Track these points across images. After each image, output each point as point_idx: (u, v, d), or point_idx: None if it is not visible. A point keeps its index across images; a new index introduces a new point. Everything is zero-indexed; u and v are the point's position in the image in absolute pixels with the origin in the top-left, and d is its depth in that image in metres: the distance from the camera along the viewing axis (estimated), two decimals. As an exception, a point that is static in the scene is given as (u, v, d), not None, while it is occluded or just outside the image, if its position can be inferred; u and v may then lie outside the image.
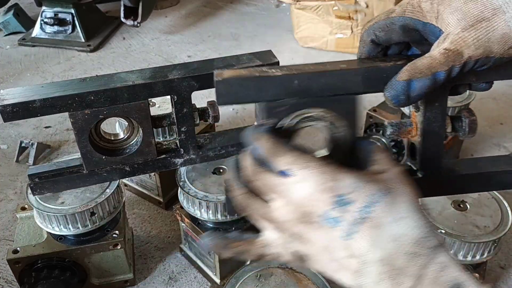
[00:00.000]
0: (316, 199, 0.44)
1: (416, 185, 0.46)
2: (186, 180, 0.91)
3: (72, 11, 1.89)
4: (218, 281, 0.97)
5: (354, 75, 0.50)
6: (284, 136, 0.49)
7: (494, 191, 0.92)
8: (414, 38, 0.53)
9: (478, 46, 0.46)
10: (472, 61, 0.47)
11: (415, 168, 0.59)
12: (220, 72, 0.48)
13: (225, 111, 1.49)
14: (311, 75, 0.49)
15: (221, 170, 0.93)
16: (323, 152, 0.52)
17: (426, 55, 0.48)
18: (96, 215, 0.87)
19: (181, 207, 0.94)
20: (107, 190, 0.88)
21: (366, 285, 0.44)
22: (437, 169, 0.59)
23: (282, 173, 0.45)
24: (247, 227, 0.91)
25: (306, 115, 0.50)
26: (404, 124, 0.57)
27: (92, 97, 0.74)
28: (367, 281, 0.43)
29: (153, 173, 1.10)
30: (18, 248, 0.87)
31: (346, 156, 0.51)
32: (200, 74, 0.78)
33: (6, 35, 2.01)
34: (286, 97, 0.49)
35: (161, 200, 1.16)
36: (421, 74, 0.47)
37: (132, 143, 0.84)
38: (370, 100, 1.17)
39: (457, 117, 0.58)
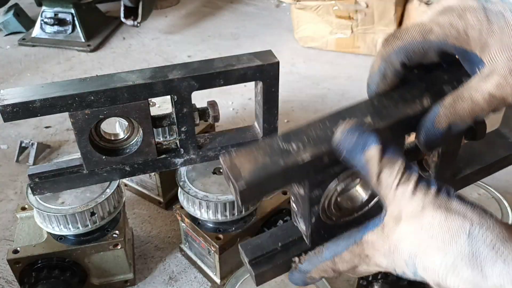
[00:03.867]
0: None
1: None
2: (186, 180, 0.91)
3: (72, 11, 1.89)
4: (218, 281, 0.97)
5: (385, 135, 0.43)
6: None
7: (494, 191, 0.93)
8: (446, 60, 0.48)
9: None
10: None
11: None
12: (237, 172, 0.39)
13: (225, 111, 1.49)
14: None
15: (221, 170, 0.93)
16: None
17: (465, 95, 0.43)
18: (96, 215, 0.87)
19: (181, 207, 0.94)
20: (107, 190, 0.88)
21: None
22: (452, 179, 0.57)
23: None
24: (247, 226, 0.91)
25: (349, 173, 0.46)
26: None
27: (92, 97, 0.74)
28: None
29: (153, 173, 1.10)
30: (18, 248, 0.87)
31: None
32: (200, 74, 0.78)
33: (6, 35, 2.01)
34: (315, 174, 0.43)
35: (161, 200, 1.16)
36: (462, 121, 0.43)
37: (132, 143, 0.84)
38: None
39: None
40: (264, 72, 0.81)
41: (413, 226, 0.40)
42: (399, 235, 0.41)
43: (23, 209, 0.95)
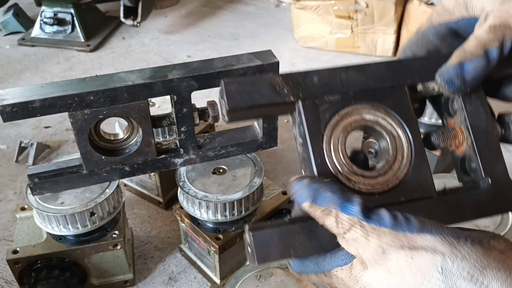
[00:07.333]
0: None
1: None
2: (186, 180, 0.91)
3: (72, 11, 1.89)
4: (218, 281, 0.97)
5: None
6: None
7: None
8: (455, 44, 0.49)
9: None
10: None
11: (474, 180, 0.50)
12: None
13: (225, 111, 1.48)
14: None
15: (221, 170, 0.93)
16: None
17: (471, 37, 0.45)
18: (95, 215, 0.87)
19: (181, 207, 0.93)
20: (107, 190, 0.88)
21: None
22: (503, 175, 0.50)
23: None
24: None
25: None
26: (447, 130, 0.50)
27: (92, 97, 0.74)
28: None
29: (153, 173, 1.10)
30: (18, 248, 0.87)
31: None
32: (200, 74, 0.78)
33: (5, 35, 2.01)
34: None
35: (161, 200, 1.16)
36: (471, 55, 0.44)
37: (132, 143, 0.84)
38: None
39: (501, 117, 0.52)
40: (264, 72, 0.80)
41: (379, 271, 0.38)
42: (368, 280, 0.39)
43: (23, 209, 0.95)
